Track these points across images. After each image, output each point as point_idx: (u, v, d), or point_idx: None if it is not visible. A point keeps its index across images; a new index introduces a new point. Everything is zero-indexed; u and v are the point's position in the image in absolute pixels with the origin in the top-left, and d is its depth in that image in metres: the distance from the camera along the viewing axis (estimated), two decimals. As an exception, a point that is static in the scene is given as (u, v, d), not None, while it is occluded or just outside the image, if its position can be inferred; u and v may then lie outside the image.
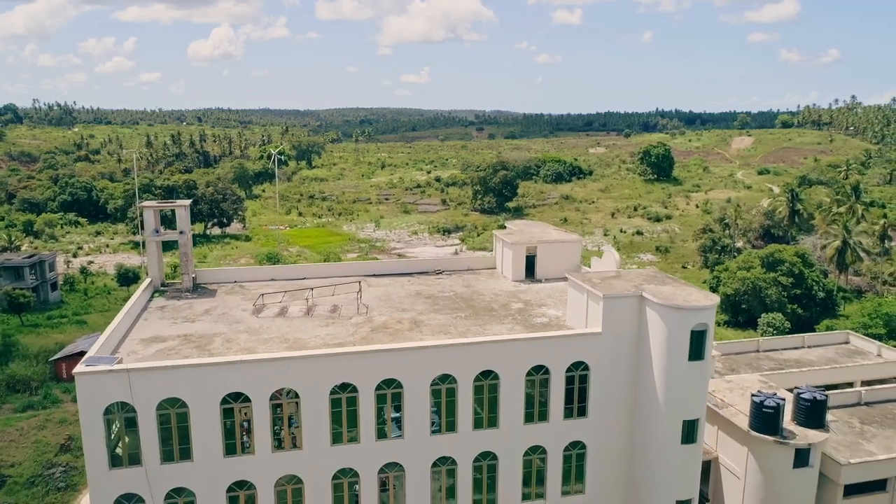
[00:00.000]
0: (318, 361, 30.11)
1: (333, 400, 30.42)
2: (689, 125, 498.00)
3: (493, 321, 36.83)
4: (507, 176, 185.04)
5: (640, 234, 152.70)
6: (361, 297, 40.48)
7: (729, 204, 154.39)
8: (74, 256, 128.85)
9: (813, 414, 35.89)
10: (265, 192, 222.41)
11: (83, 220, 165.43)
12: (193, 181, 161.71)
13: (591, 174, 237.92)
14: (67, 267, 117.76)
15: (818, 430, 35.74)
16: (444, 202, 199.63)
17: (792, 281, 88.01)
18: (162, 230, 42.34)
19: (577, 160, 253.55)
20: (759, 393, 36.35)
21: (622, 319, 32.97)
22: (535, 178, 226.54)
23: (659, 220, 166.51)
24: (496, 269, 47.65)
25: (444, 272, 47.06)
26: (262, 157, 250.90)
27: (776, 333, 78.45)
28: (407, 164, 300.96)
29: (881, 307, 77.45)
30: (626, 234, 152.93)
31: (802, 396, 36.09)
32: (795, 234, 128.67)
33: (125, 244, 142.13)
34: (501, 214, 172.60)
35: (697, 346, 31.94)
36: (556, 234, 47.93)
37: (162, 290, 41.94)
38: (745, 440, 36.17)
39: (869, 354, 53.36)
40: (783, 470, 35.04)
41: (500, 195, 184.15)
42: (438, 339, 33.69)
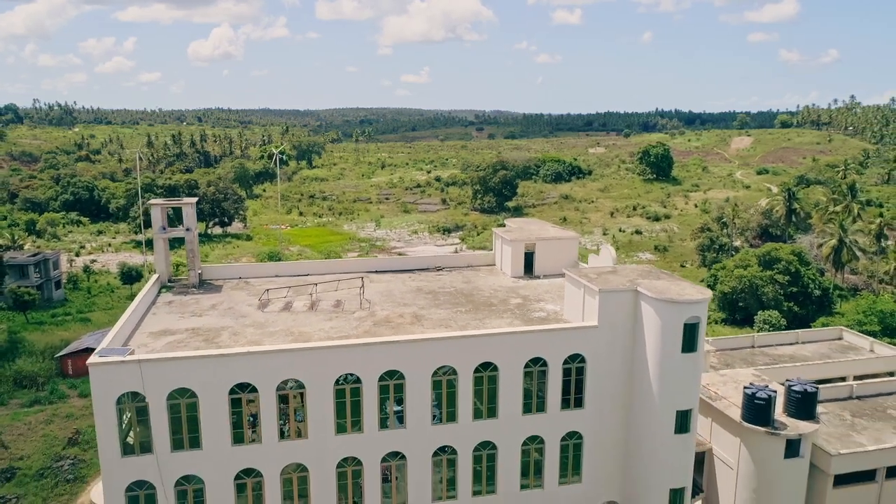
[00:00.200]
0: (323, 353, 31.02)
1: (338, 391, 31.32)
2: (688, 125, 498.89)
3: (492, 315, 37.74)
4: (506, 176, 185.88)
5: (638, 233, 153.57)
6: (364, 292, 41.40)
7: (727, 203, 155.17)
8: (77, 255, 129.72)
9: (804, 406, 36.71)
10: (266, 191, 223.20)
11: (85, 219, 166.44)
12: (195, 181, 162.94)
13: (590, 174, 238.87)
14: (70, 266, 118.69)
15: (809, 421, 36.63)
16: (444, 202, 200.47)
17: (788, 279, 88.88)
18: (168, 228, 43.34)
19: (576, 160, 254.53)
20: (751, 385, 37.26)
21: (617, 313, 33.90)
22: (534, 177, 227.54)
23: (658, 219, 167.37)
24: (495, 265, 48.58)
25: (444, 269, 47.99)
26: (262, 156, 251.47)
27: (772, 331, 79.24)
28: (407, 163, 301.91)
29: (876, 305, 78.25)
30: (624, 233, 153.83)
31: (793, 389, 36.94)
32: (793, 233, 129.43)
33: (127, 243, 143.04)
34: (501, 214, 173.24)
35: (690, 338, 32.92)
36: (553, 231, 48.84)
37: (169, 285, 42.89)
38: (737, 431, 37.01)
39: (862, 350, 54.25)
40: (775, 460, 35.89)
41: (499, 195, 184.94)
42: (439, 332, 34.60)
